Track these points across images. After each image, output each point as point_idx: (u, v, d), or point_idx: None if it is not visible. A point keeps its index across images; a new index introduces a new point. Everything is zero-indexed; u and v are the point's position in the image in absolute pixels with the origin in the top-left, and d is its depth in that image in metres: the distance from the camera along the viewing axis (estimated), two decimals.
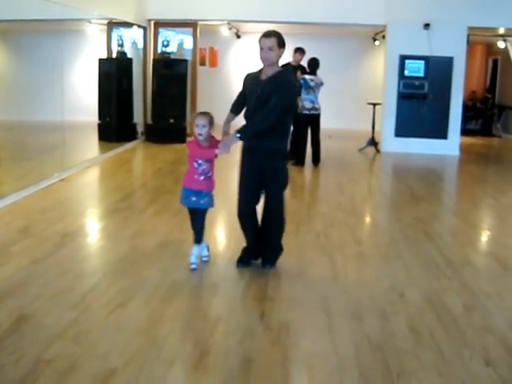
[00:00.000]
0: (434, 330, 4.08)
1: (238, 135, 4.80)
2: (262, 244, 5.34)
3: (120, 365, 3.47)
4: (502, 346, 3.86)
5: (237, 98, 5.33)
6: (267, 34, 4.93)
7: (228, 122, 5.24)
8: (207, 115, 4.98)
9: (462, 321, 4.27)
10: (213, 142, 5.04)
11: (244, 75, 5.28)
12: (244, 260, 5.35)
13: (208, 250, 5.44)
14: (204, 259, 5.36)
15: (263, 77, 5.01)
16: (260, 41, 4.94)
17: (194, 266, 5.14)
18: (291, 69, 4.99)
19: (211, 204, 5.18)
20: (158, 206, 7.45)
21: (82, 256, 5.67)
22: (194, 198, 5.06)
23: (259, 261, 5.35)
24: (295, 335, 3.98)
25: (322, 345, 3.84)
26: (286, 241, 5.56)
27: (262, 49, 4.92)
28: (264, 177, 5.09)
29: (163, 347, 3.74)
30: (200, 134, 4.91)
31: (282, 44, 4.95)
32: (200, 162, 5.00)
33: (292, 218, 6.83)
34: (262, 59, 4.95)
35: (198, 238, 5.22)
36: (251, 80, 5.14)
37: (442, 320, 4.25)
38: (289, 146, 5.39)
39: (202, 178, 5.04)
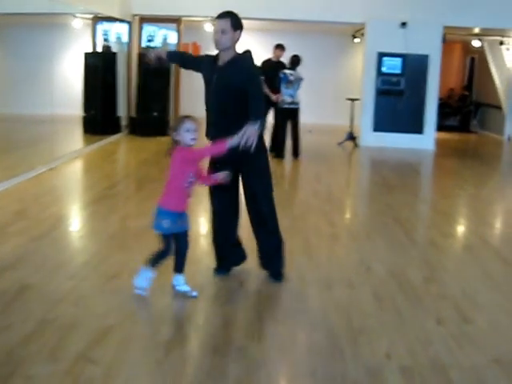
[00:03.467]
0: (395, 296, 4.58)
1: (256, 126, 4.13)
2: (266, 259, 4.88)
3: (116, 323, 3.93)
4: (454, 309, 4.37)
5: (189, 55, 5.10)
6: (221, 15, 4.50)
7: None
8: (195, 119, 4.29)
9: (420, 290, 4.79)
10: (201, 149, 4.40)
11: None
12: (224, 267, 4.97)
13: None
14: (194, 294, 4.47)
15: (219, 63, 4.55)
16: (214, 22, 4.51)
17: (195, 294, 4.44)
18: (250, 54, 4.84)
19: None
20: (145, 193, 7.88)
21: (76, 235, 6.14)
22: (179, 222, 4.40)
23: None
24: (270, 300, 4.46)
25: (294, 308, 4.33)
26: None
27: (215, 32, 4.47)
28: (246, 181, 4.67)
29: (154, 309, 4.24)
30: (194, 139, 4.21)
31: (237, 26, 4.49)
32: (192, 179, 4.33)
33: None
34: (215, 43, 4.49)
35: (182, 266, 4.51)
36: (207, 65, 4.66)
37: (403, 289, 4.75)
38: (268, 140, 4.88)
39: (189, 197, 4.43)
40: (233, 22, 4.46)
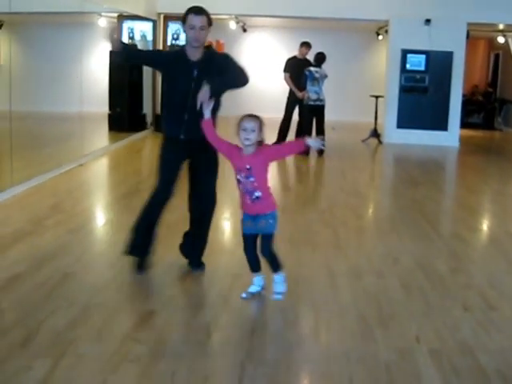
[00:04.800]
0: (423, 286, 4.74)
1: (207, 87, 4.19)
2: (192, 243, 5.02)
3: (157, 308, 4.15)
4: (480, 297, 4.52)
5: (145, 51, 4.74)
6: (198, 11, 4.38)
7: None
8: (256, 118, 4.12)
9: (447, 279, 4.94)
10: (262, 150, 4.15)
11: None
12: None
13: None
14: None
15: (193, 58, 4.46)
16: (189, 18, 4.35)
17: (245, 296, 4.39)
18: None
19: (273, 227, 4.28)
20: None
21: (111, 228, 6.35)
22: (249, 223, 4.30)
23: None
24: (302, 288, 4.62)
25: (326, 295, 4.49)
26: (294, 217, 6.30)
27: (192, 28, 4.34)
28: (196, 167, 4.83)
29: (192, 295, 4.48)
30: (247, 139, 4.04)
31: (211, 22, 4.45)
32: (238, 177, 4.19)
33: (298, 200, 7.63)
34: (192, 39, 4.38)
35: (257, 267, 4.45)
36: (175, 61, 4.53)
37: (430, 279, 4.90)
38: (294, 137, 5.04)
39: (249, 199, 4.20)
40: (209, 18, 4.43)
